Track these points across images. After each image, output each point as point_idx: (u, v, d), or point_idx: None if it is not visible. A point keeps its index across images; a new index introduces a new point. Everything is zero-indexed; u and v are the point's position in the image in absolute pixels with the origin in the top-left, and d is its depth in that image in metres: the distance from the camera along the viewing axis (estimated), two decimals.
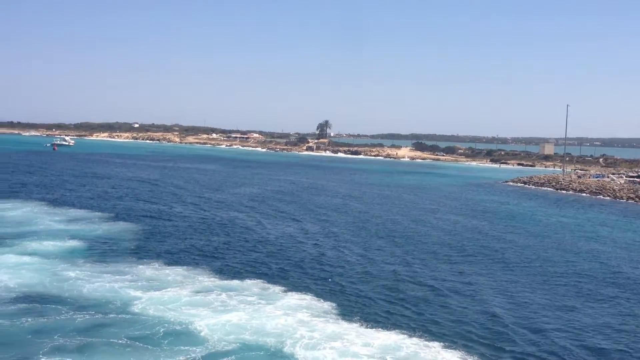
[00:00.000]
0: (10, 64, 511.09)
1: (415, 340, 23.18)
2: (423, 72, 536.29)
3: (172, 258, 35.00)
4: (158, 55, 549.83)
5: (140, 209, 54.27)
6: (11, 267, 30.68)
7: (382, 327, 24.44)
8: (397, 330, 24.17)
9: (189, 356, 20.89)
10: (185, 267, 32.85)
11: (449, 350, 22.39)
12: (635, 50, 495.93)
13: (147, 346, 21.58)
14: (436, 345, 22.71)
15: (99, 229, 42.82)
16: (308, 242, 42.31)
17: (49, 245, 36.21)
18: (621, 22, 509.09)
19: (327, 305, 26.93)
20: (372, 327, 24.39)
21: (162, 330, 23.05)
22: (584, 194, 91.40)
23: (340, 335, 23.27)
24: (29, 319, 23.64)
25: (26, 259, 32.58)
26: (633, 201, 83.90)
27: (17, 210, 48.94)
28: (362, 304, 27.75)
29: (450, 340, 23.42)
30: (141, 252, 36.15)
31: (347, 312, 26.10)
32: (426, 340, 23.16)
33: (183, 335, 22.65)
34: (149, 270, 31.62)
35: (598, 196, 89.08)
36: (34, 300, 25.86)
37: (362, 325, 24.61)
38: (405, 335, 23.62)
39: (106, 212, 50.34)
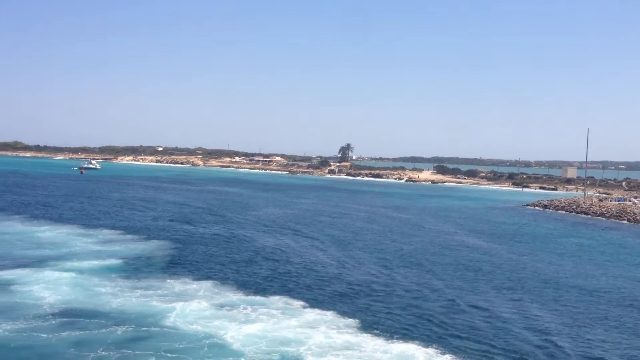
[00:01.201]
0: (34, 89, 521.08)
1: (430, 351, 24.53)
2: (445, 96, 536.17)
3: (201, 274, 36.84)
4: (180, 78, 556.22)
5: (169, 229, 56.37)
6: (51, 284, 32.34)
7: (400, 340, 25.72)
8: (417, 342, 25.45)
9: None
10: (213, 282, 34.69)
11: None
12: None
13: (185, 357, 22.84)
14: (451, 358, 23.95)
15: (132, 248, 44.78)
16: (332, 261, 43.78)
17: (85, 263, 38.03)
18: None
19: (349, 320, 28.12)
20: (390, 340, 25.62)
21: (194, 342, 24.33)
22: (603, 218, 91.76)
23: (358, 344, 24.78)
24: (71, 333, 24.86)
25: (65, 276, 34.31)
26: None
27: (52, 232, 51.09)
28: (385, 319, 28.92)
29: (465, 353, 24.60)
30: (172, 268, 38.12)
31: (367, 326, 27.34)
32: (441, 353, 24.39)
33: (215, 347, 23.94)
34: (179, 285, 33.44)
35: (618, 220, 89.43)
36: (74, 315, 27.20)
37: (380, 337, 25.86)
38: (421, 346, 24.96)
39: (137, 233, 52.25)
